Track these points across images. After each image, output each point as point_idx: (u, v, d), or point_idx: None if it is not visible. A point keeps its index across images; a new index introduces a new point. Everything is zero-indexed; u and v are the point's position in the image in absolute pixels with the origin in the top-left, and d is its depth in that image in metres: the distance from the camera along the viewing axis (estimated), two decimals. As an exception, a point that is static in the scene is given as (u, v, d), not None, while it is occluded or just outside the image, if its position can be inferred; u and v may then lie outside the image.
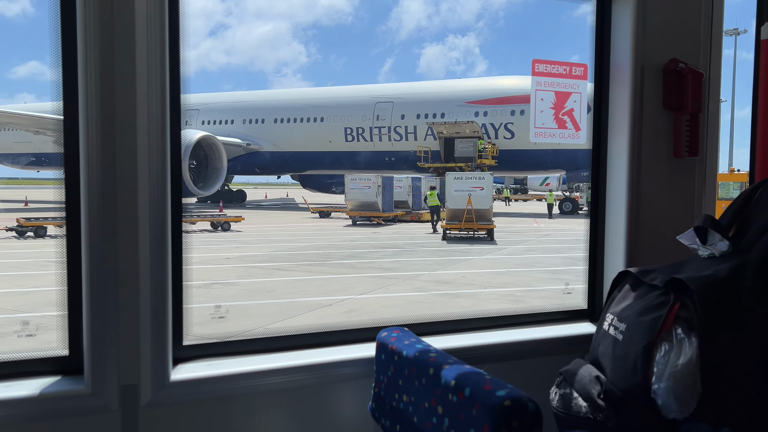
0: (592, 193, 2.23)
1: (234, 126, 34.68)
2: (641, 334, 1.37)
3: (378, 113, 30.69)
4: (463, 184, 18.96)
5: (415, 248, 15.37)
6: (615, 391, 1.41)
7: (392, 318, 7.38)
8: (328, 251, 14.10)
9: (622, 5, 2.06)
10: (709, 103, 2.08)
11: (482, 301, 8.56)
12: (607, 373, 1.47)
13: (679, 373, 1.26)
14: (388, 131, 30.42)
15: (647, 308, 1.41)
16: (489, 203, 18.46)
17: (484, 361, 1.81)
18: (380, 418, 1.66)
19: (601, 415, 1.41)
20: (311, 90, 37.61)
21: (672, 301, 1.36)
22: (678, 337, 1.30)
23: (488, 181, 19.11)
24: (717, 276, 1.33)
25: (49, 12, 1.50)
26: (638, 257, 2.06)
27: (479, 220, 17.94)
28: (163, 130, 1.56)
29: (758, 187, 1.52)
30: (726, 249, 1.41)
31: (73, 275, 1.56)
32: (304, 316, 7.41)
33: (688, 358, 1.27)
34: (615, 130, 2.12)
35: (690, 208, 2.12)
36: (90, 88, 1.47)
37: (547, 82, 2.22)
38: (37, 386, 1.51)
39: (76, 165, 1.51)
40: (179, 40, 1.62)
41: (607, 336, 1.50)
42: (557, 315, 2.22)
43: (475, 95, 28.94)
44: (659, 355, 1.31)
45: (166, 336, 1.60)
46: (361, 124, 31.04)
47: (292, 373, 1.72)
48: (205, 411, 1.66)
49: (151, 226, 1.56)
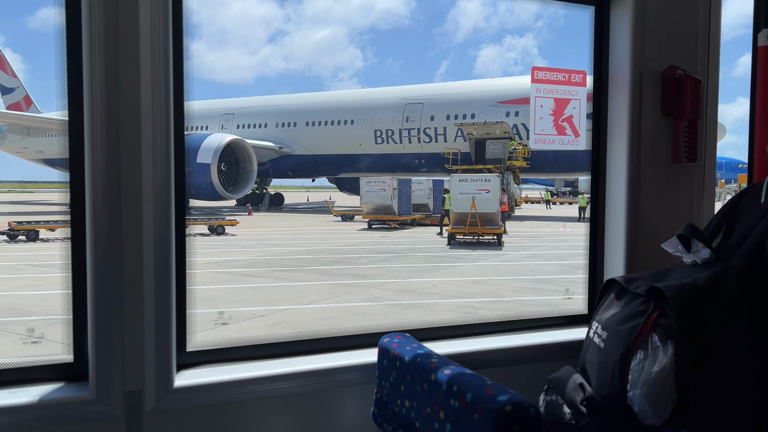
0: (591, 199, 2.23)
1: (267, 129, 34.81)
2: (619, 342, 1.38)
3: (407, 115, 29.93)
4: (467, 187, 18.14)
5: (411, 253, 14.74)
6: (597, 399, 1.42)
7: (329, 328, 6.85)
8: (316, 256, 13.66)
9: (620, 12, 2.06)
10: (707, 109, 2.08)
11: (432, 312, 7.92)
12: (591, 381, 1.48)
13: (653, 381, 1.27)
14: (417, 133, 29.56)
15: (628, 316, 1.41)
16: (495, 207, 17.50)
17: (485, 366, 1.84)
18: (383, 424, 1.67)
19: (584, 422, 1.42)
20: (342, 93, 37.23)
21: (651, 309, 1.36)
22: (654, 345, 1.31)
23: (495, 183, 18.17)
24: (696, 284, 1.33)
25: (54, 19, 1.52)
26: (637, 263, 2.05)
27: (486, 224, 17.03)
28: (167, 137, 1.56)
29: (743, 195, 1.52)
30: (708, 256, 1.41)
31: (77, 281, 1.57)
32: (213, 331, 6.97)
33: (662, 365, 1.27)
34: (614, 136, 2.12)
35: (689, 214, 2.11)
36: (95, 93, 1.48)
37: (546, 89, 2.23)
38: (41, 392, 1.52)
39: (81, 172, 1.52)
40: (183, 47, 1.64)
41: (593, 344, 1.51)
42: (558, 320, 2.23)
43: (506, 95, 27.74)
44: (634, 362, 1.32)
45: (170, 342, 1.61)
46: (391, 126, 30.36)
47: (295, 378, 1.73)
48: (208, 417, 1.67)
49: (156, 232, 1.57)
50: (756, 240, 1.35)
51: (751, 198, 1.50)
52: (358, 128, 31.43)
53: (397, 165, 30.11)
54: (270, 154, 33.60)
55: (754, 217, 1.42)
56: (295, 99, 36.70)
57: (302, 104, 34.86)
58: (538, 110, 2.24)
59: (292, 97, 37.46)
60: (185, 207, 1.69)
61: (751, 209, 1.46)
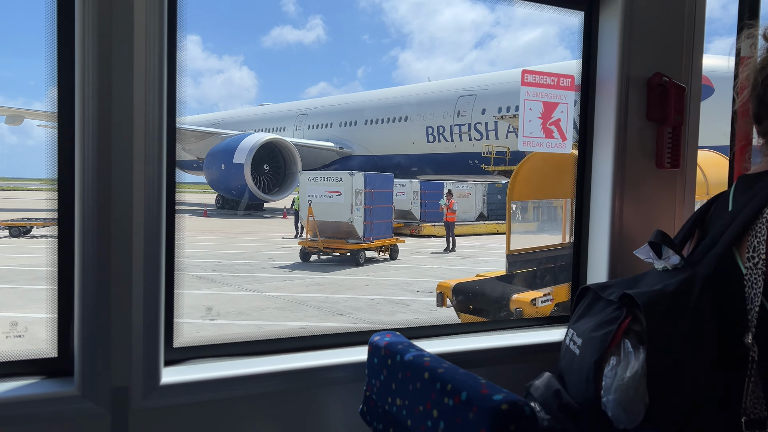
0: (576, 203, 2.26)
1: (332, 129, 34.14)
2: (593, 348, 1.39)
3: (459, 109, 27.35)
4: (318, 188, 14.30)
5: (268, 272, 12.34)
6: (572, 405, 1.44)
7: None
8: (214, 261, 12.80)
9: (609, 19, 2.10)
10: (690, 116, 2.12)
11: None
12: (567, 387, 1.50)
13: (625, 386, 1.29)
14: (468, 129, 26.87)
15: (602, 323, 1.43)
16: (347, 214, 13.45)
17: (476, 365, 1.84)
18: (372, 422, 1.66)
19: (560, 428, 1.44)
20: (401, 88, 35.18)
21: (623, 316, 1.38)
22: (626, 351, 1.34)
23: (347, 183, 13.93)
24: (665, 290, 1.36)
25: (46, 15, 1.50)
26: (620, 268, 2.07)
27: (347, 237, 13.23)
28: (159, 135, 1.55)
29: (712, 203, 1.55)
30: (678, 263, 1.43)
31: (63, 275, 1.55)
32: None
33: (634, 370, 1.30)
34: (600, 141, 2.14)
35: (670, 220, 2.14)
36: (87, 91, 1.47)
37: (536, 92, 2.26)
38: (24, 388, 1.50)
39: (71, 165, 1.50)
40: (177, 39, 1.63)
41: (569, 350, 1.53)
42: (546, 320, 2.30)
43: (568, 82, 25.62)
44: (607, 368, 1.34)
45: (158, 338, 1.59)
46: (442, 122, 27.98)
47: (284, 376, 1.73)
48: (195, 413, 1.66)
49: (145, 226, 1.55)
50: (724, 247, 1.36)
51: (720, 206, 1.50)
52: (412, 125, 29.51)
53: (450, 166, 27.81)
54: (331, 156, 32.68)
55: (722, 224, 1.42)
56: (357, 97, 35.53)
57: (363, 101, 33.64)
58: (527, 113, 2.27)
59: (355, 96, 36.28)
60: (175, 201, 1.66)
61: (720, 217, 1.47)
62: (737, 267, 1.32)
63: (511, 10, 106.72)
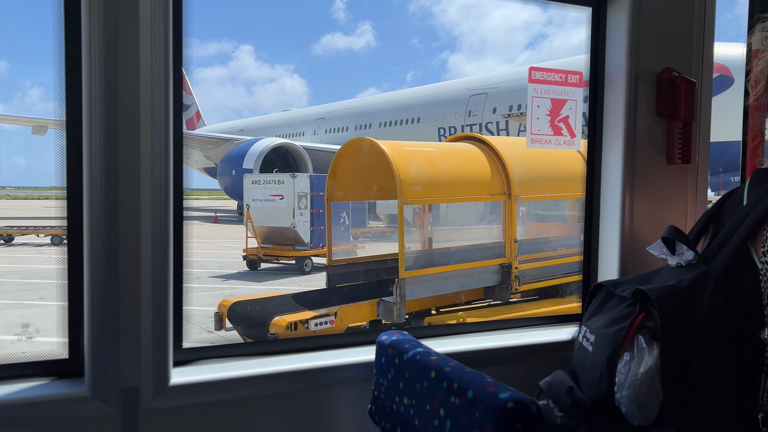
0: (586, 200, 2.23)
1: (348, 133, 33.81)
2: (606, 345, 1.39)
3: (470, 108, 26.86)
4: (261, 191, 13.30)
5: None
6: (585, 401, 1.43)
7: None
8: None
9: (617, 14, 2.09)
10: (701, 111, 2.09)
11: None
12: (581, 384, 1.49)
13: (639, 382, 1.29)
14: (479, 129, 26.21)
15: (615, 319, 1.42)
16: (289, 219, 12.52)
17: (484, 364, 1.82)
18: (380, 421, 1.66)
19: (574, 425, 1.44)
20: (412, 89, 35.09)
21: (636, 312, 1.37)
22: (640, 347, 1.33)
23: (288, 186, 12.94)
24: (679, 285, 1.35)
25: (53, 22, 1.53)
26: (631, 265, 2.05)
27: (294, 243, 12.38)
28: (166, 139, 1.56)
29: (727, 198, 1.52)
30: (692, 258, 1.41)
31: (74, 278, 1.57)
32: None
33: (648, 366, 1.29)
34: (609, 138, 2.13)
35: (682, 216, 2.11)
36: (93, 96, 1.48)
37: (543, 89, 2.24)
38: (36, 389, 1.51)
39: (80, 168, 1.52)
40: (182, 42, 1.64)
41: (582, 347, 1.52)
42: (555, 319, 2.25)
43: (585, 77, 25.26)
44: (621, 364, 1.34)
45: (167, 338, 1.60)
46: (453, 122, 27.50)
47: (292, 376, 1.73)
48: (204, 414, 1.67)
49: (153, 228, 1.56)
50: (738, 242, 1.33)
51: (734, 201, 1.48)
52: (424, 127, 29.09)
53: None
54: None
55: (736, 219, 1.39)
56: (371, 100, 35.59)
57: (377, 104, 33.54)
58: (535, 110, 2.25)
59: (370, 98, 36.47)
60: (183, 204, 1.68)
61: (734, 212, 1.45)
62: (753, 262, 1.30)
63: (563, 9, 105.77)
